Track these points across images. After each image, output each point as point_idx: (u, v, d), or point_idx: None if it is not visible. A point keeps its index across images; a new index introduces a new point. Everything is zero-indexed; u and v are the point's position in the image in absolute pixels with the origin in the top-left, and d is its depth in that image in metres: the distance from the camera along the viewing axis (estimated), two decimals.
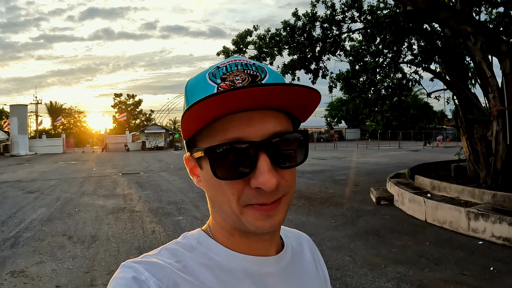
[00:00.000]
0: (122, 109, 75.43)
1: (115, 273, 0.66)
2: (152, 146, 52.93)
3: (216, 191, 0.70)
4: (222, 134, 0.65)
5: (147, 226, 8.38)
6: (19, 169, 24.98)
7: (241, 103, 0.62)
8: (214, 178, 0.66)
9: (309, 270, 0.87)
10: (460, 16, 9.03)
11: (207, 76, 0.70)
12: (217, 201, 0.71)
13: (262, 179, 0.63)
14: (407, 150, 34.34)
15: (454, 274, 5.27)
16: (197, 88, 0.70)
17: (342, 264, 5.78)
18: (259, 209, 0.66)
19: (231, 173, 0.65)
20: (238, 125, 0.64)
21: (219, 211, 0.73)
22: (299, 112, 0.71)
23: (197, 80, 0.71)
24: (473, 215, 7.01)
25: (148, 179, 17.37)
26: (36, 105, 63.13)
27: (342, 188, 12.88)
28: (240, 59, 0.72)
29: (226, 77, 0.68)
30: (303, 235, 0.97)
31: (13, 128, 46.44)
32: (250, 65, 0.70)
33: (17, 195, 13.28)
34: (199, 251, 0.74)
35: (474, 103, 10.55)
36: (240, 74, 0.68)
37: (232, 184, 0.66)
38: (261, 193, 0.65)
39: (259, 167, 0.63)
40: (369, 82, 14.90)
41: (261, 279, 0.74)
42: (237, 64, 0.70)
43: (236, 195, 0.66)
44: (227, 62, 0.72)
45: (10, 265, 6.11)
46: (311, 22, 13.79)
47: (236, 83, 0.66)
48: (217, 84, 0.67)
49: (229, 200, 0.67)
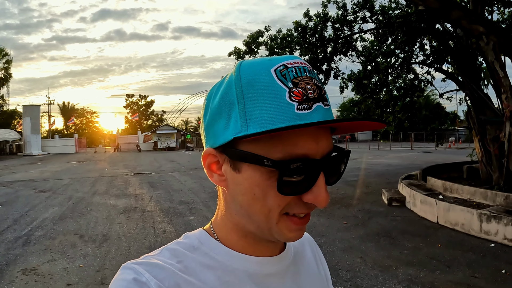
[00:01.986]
0: (134, 110, 75.78)
1: (116, 274, 0.65)
2: (164, 146, 53.13)
3: (255, 200, 0.66)
4: (290, 147, 0.61)
5: (158, 226, 8.42)
6: (32, 168, 25.20)
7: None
8: (259, 187, 0.64)
9: (311, 270, 0.87)
10: (472, 15, 8.97)
11: (274, 73, 0.64)
12: (252, 209, 0.67)
13: (320, 198, 0.62)
14: (419, 151, 34.15)
15: (465, 277, 5.23)
16: (261, 84, 0.63)
17: (353, 266, 5.76)
18: (297, 222, 0.66)
19: (295, 189, 0.63)
20: (308, 142, 0.62)
21: (247, 217, 0.69)
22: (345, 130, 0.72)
23: (259, 73, 0.64)
24: (485, 217, 6.95)
25: (159, 179, 17.44)
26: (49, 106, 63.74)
27: (353, 189, 12.83)
28: (304, 62, 0.67)
29: (297, 82, 0.63)
30: (305, 234, 0.94)
31: (25, 128, 46.85)
32: (313, 72, 0.67)
33: (29, 194, 13.40)
34: (201, 251, 0.73)
35: (486, 104, 10.46)
36: (310, 83, 0.64)
37: (285, 197, 0.64)
38: (308, 206, 0.65)
39: (318, 185, 0.62)
40: (381, 83, 14.83)
41: (263, 279, 0.73)
42: (305, 69, 0.65)
43: (281, 207, 0.65)
44: (294, 63, 0.65)
45: (22, 263, 6.18)
46: (323, 23, 13.78)
47: (308, 93, 0.62)
48: (288, 88, 0.62)
49: (270, 211, 0.65)
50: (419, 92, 15.88)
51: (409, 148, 39.31)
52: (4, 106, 56.24)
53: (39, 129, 49.99)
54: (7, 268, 5.93)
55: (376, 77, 14.74)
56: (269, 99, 0.61)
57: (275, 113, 0.61)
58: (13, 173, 22.05)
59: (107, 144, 68.04)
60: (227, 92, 0.66)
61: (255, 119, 0.62)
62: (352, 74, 14.83)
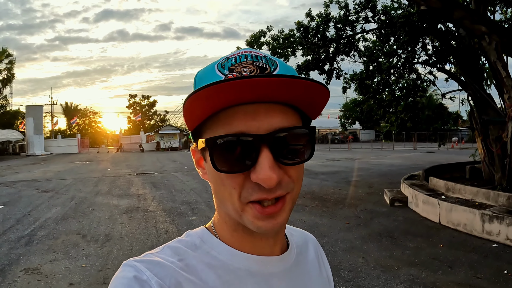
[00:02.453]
0: (137, 110, 75.86)
1: (117, 272, 0.66)
2: (166, 146, 53.09)
3: (218, 185, 0.68)
4: (227, 126, 0.64)
5: (160, 226, 8.43)
6: (35, 168, 25.23)
7: (245, 94, 0.60)
8: (214, 171, 0.66)
9: (313, 271, 0.86)
10: (474, 15, 8.95)
11: (216, 66, 0.69)
12: (220, 195, 0.69)
13: (262, 175, 0.61)
14: (421, 151, 34.09)
15: (467, 277, 5.22)
16: (205, 78, 0.69)
17: (355, 266, 5.75)
18: (261, 211, 0.65)
19: (232, 166, 0.64)
20: (243, 118, 0.63)
21: (222, 206, 0.72)
22: (308, 108, 0.70)
23: (206, 70, 0.71)
24: (487, 218, 6.94)
25: (162, 179, 17.45)
26: (52, 106, 63.72)
27: (356, 189, 12.82)
28: (251, 50, 0.71)
29: (234, 68, 0.67)
30: (308, 235, 0.96)
31: (28, 128, 46.88)
32: (260, 57, 0.69)
33: (32, 194, 13.42)
34: (202, 249, 0.73)
35: (489, 104, 10.44)
36: (248, 65, 0.67)
37: (233, 178, 0.65)
38: (262, 189, 0.63)
39: (260, 161, 0.62)
40: (383, 83, 14.80)
41: (264, 279, 0.73)
42: (247, 55, 0.69)
43: (237, 190, 0.65)
44: (237, 53, 0.70)
45: (24, 262, 6.20)
46: (325, 23, 13.76)
47: (243, 74, 0.65)
48: (224, 75, 0.66)
49: (231, 195, 0.66)
50: (422, 92, 15.84)
51: (412, 148, 39.26)
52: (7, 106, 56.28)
53: (42, 129, 50.02)
54: (10, 268, 5.94)
55: (378, 77, 14.70)
56: None
57: None
58: (16, 173, 22.09)
59: (110, 144, 68.08)
60: None
61: None
62: (355, 74, 14.81)
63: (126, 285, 0.62)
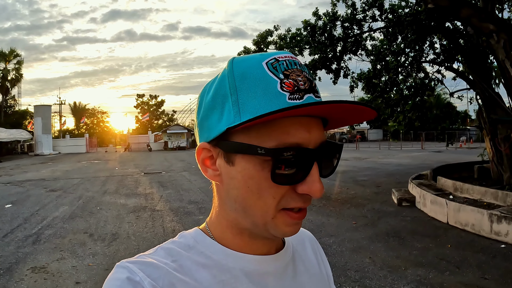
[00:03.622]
0: (145, 110, 76.14)
1: (110, 273, 0.65)
2: (174, 146, 53.24)
3: (250, 193, 0.65)
4: (283, 136, 0.62)
5: (167, 225, 8.45)
6: (43, 168, 25.40)
7: (310, 111, 0.61)
8: (253, 179, 0.64)
9: (311, 268, 0.86)
10: (482, 13, 8.88)
11: (265, 65, 0.65)
12: (248, 203, 0.66)
13: (314, 187, 0.62)
14: (429, 151, 33.95)
15: (475, 278, 5.18)
16: (253, 76, 0.65)
17: (362, 266, 5.73)
18: (293, 216, 0.66)
19: (289, 179, 0.63)
20: (300, 130, 0.62)
21: (242, 213, 0.68)
22: (335, 124, 0.72)
23: (252, 65, 0.66)
24: (495, 218, 6.88)
25: (169, 178, 17.50)
26: (60, 106, 64.24)
27: (363, 189, 12.79)
28: (294, 57, 0.69)
29: (288, 74, 0.64)
30: (305, 232, 0.95)
31: (37, 128, 47.23)
32: (303, 66, 0.68)
33: (40, 193, 13.51)
34: (196, 250, 0.72)
35: (497, 103, 10.36)
36: (300, 75, 0.65)
37: (278, 188, 0.64)
38: (302, 198, 0.65)
39: (312, 174, 0.63)
40: (391, 82, 14.72)
41: (260, 278, 0.72)
42: (296, 63, 0.67)
43: (277, 199, 0.64)
44: (284, 57, 0.67)
45: (32, 261, 6.24)
46: (332, 22, 13.71)
47: (299, 84, 0.64)
48: (279, 79, 0.63)
49: (265, 204, 0.65)
50: (430, 91, 15.73)
51: (420, 147, 39.11)
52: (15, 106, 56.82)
53: (50, 129, 50.35)
54: (17, 266, 5.99)
55: (386, 76, 14.63)
56: (261, 89, 0.62)
57: (267, 102, 0.62)
58: (24, 172, 22.25)
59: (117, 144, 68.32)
60: (220, 86, 0.67)
61: (248, 109, 0.62)
62: (362, 73, 14.73)
63: (119, 287, 0.61)
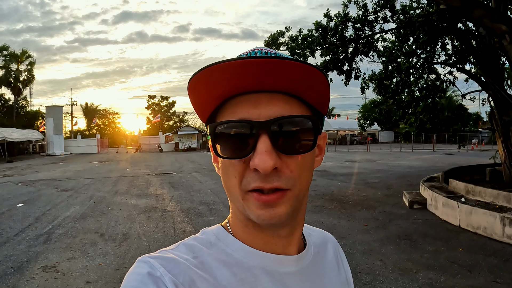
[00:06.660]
0: (156, 111, 76.26)
1: (131, 267, 0.66)
2: (185, 147, 53.30)
3: (224, 174, 0.70)
4: (231, 114, 0.66)
5: (178, 226, 8.47)
6: (54, 168, 25.60)
7: (245, 77, 0.62)
8: (220, 158, 0.68)
9: (331, 271, 0.86)
10: (494, 14, 8.81)
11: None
12: (227, 185, 0.70)
13: (257, 159, 0.62)
14: (441, 153, 33.72)
15: (487, 282, 5.13)
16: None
17: (373, 269, 5.71)
18: (258, 198, 0.64)
19: (232, 152, 0.65)
20: (245, 106, 0.65)
21: (230, 197, 0.72)
22: (314, 100, 0.70)
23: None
24: (508, 221, 6.81)
25: (180, 179, 17.55)
26: (72, 106, 64.52)
27: (374, 191, 12.73)
28: (263, 48, 0.70)
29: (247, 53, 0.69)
30: (328, 235, 0.96)
31: (48, 128, 47.67)
32: (271, 53, 0.68)
33: (51, 193, 13.62)
34: (218, 247, 0.73)
35: (510, 105, 10.26)
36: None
37: (235, 166, 0.66)
38: (260, 177, 0.63)
39: (258, 147, 0.62)
40: (403, 83, 14.64)
41: (280, 278, 0.72)
42: (257, 52, 0.69)
43: (238, 178, 0.66)
44: (250, 50, 0.71)
45: (42, 260, 6.30)
46: (343, 23, 13.66)
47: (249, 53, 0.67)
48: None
49: (234, 185, 0.67)
50: (441, 93, 15.65)
51: (431, 149, 38.83)
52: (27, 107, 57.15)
53: (61, 129, 50.75)
54: (28, 265, 6.04)
55: (397, 77, 14.54)
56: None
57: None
58: (36, 172, 22.44)
59: (129, 145, 68.65)
60: None
61: None
62: (373, 75, 14.66)
63: (139, 281, 0.62)
